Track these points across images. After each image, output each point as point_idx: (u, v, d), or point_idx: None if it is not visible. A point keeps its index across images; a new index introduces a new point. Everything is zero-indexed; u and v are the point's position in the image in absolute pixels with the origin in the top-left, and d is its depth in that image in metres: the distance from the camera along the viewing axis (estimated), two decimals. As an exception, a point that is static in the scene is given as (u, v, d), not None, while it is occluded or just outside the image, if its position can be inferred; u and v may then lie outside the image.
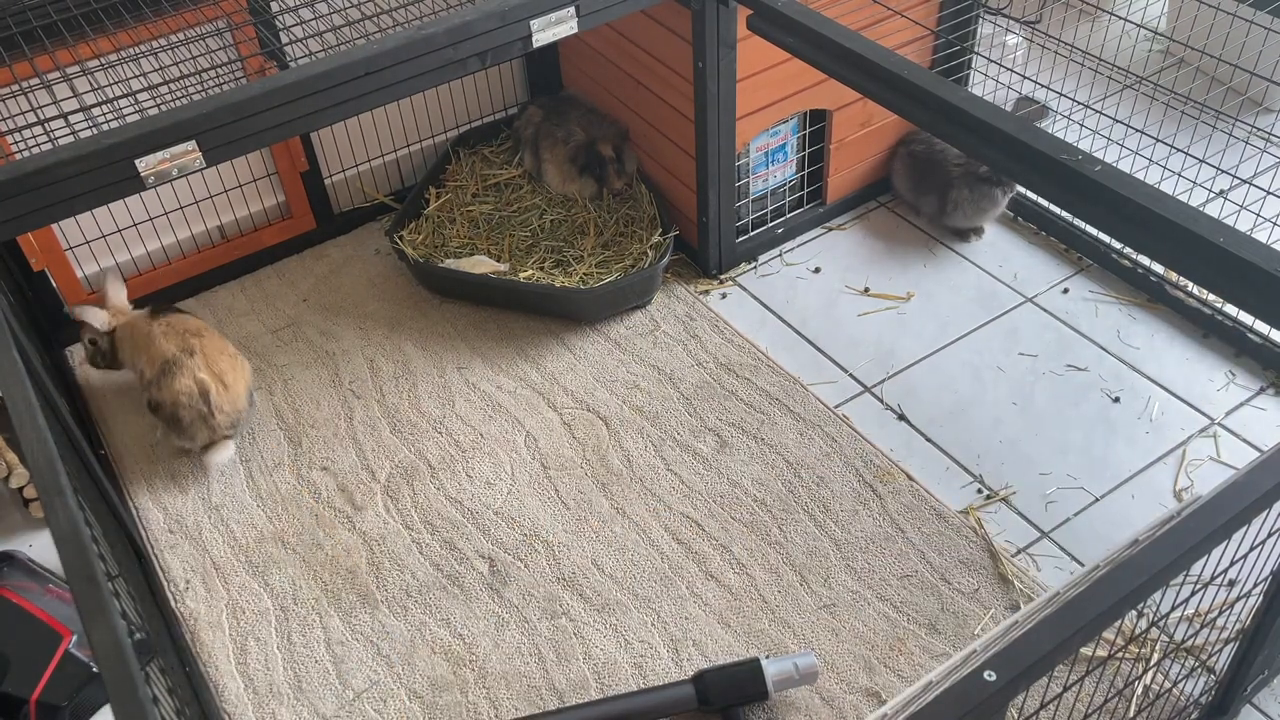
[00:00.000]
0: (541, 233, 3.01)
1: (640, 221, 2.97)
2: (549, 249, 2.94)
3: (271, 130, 1.99)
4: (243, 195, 3.00)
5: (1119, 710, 1.94)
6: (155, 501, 2.47)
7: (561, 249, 2.92)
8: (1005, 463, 2.42)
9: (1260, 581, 1.66)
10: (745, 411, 2.56)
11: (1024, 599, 2.16)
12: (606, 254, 2.89)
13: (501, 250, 2.94)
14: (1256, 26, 2.53)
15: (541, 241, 2.96)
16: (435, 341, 2.79)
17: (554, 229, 3.01)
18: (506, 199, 3.11)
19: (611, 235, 2.94)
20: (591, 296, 2.74)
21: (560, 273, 2.85)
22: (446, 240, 2.99)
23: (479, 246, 2.95)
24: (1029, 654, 1.19)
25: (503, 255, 2.92)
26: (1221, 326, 2.64)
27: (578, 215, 3.02)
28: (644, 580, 2.24)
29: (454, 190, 3.13)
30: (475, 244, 2.96)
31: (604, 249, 2.91)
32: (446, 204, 3.09)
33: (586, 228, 2.98)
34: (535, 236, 2.99)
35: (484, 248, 2.95)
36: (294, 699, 2.09)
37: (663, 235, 2.86)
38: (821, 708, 2.01)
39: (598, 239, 2.93)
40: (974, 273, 2.90)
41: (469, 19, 2.09)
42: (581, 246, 2.91)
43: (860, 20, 2.65)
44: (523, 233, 2.99)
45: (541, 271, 2.86)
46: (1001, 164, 1.97)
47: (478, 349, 2.76)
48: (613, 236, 2.94)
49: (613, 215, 2.99)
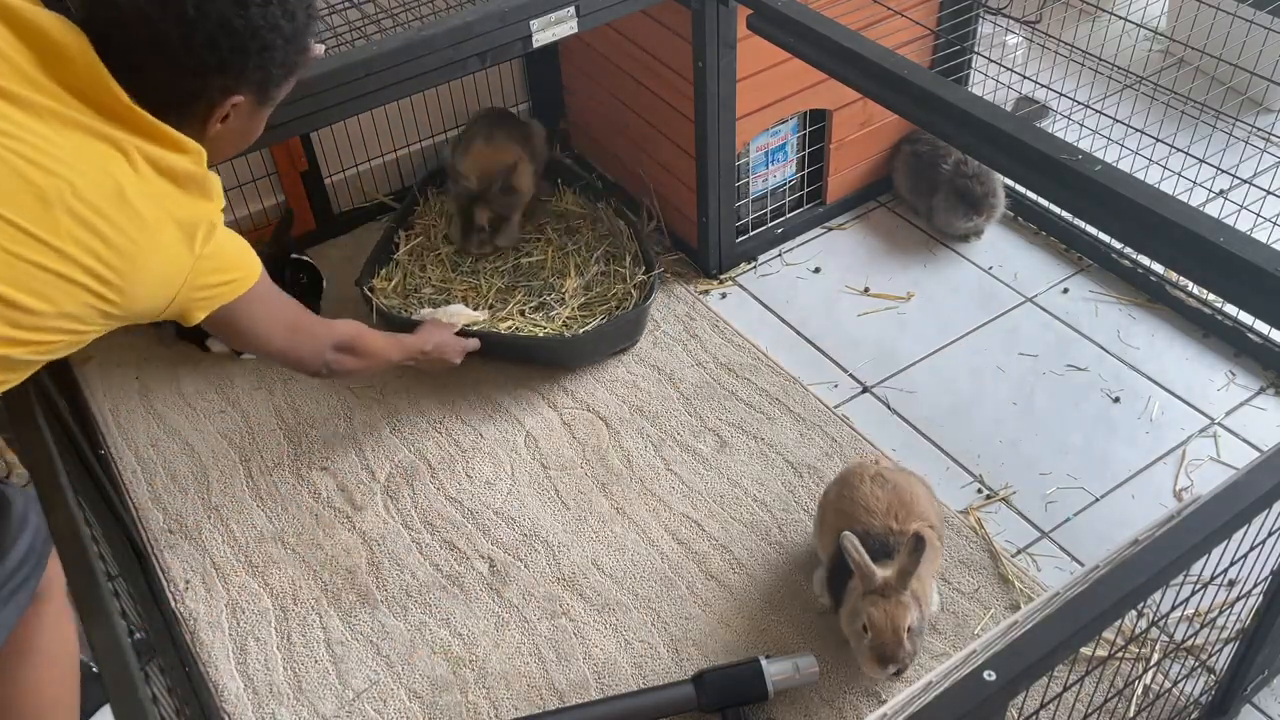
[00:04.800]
0: (518, 273, 2.86)
1: (621, 259, 2.84)
2: (528, 291, 2.78)
3: (272, 130, 1.98)
4: (243, 195, 3.00)
5: (1119, 710, 1.94)
6: (155, 501, 2.47)
7: (541, 290, 2.78)
8: (1005, 463, 2.42)
9: (1260, 581, 1.66)
10: (745, 411, 2.56)
11: (1024, 599, 2.16)
12: (589, 295, 2.75)
13: (479, 295, 2.79)
14: (1256, 26, 2.53)
15: (520, 284, 2.81)
16: (435, 341, 2.79)
17: (532, 270, 2.86)
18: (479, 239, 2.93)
19: (594, 276, 2.80)
20: (575, 344, 2.61)
21: (542, 317, 2.70)
22: (420, 286, 2.83)
23: (454, 292, 2.80)
24: (1029, 654, 1.19)
25: (480, 302, 2.76)
26: (1221, 326, 2.64)
27: (556, 255, 2.90)
28: (644, 580, 2.24)
29: (424, 232, 2.99)
30: (450, 289, 2.81)
31: (586, 290, 2.77)
32: (417, 249, 2.94)
33: (566, 268, 2.84)
34: (512, 278, 2.84)
35: (460, 293, 2.79)
36: (294, 699, 2.09)
37: (646, 274, 2.73)
38: (821, 707, 2.01)
39: (579, 278, 2.80)
40: (974, 273, 2.90)
41: (469, 19, 2.09)
42: (562, 288, 2.77)
43: (860, 20, 2.65)
44: (498, 279, 2.82)
45: (522, 317, 2.71)
46: (1001, 164, 1.97)
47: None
48: (595, 277, 2.80)
49: (592, 253, 2.86)
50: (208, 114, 1.48)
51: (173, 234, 1.42)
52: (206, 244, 1.48)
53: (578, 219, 3.01)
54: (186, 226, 1.44)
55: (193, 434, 2.60)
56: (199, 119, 1.48)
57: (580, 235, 2.95)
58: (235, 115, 1.51)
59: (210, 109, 1.47)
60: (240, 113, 1.52)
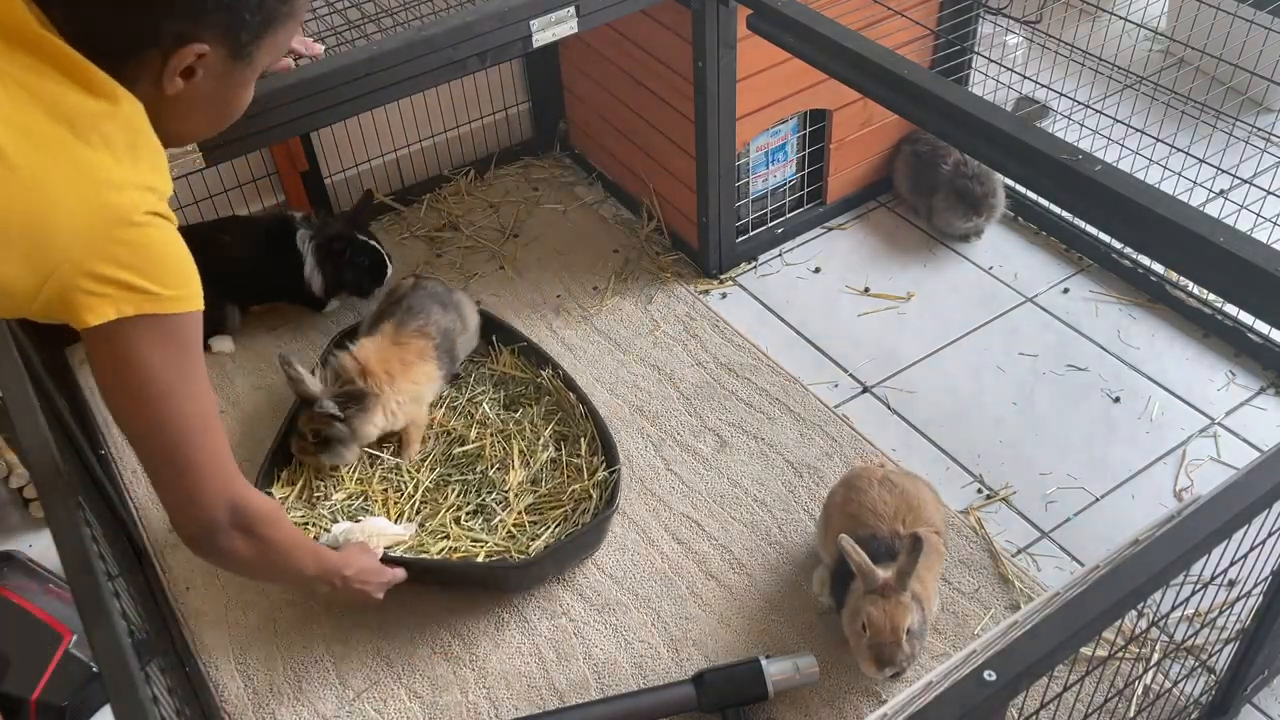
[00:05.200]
0: (450, 463, 2.37)
1: (575, 441, 2.38)
2: (463, 487, 2.32)
3: (271, 130, 1.99)
4: (243, 195, 3.00)
5: (1119, 710, 1.94)
6: (155, 501, 2.46)
7: (479, 487, 2.32)
8: (1005, 463, 2.42)
9: (1260, 581, 1.66)
10: (745, 411, 2.56)
11: (1024, 599, 2.15)
12: (538, 493, 2.29)
13: (401, 496, 2.30)
14: (1256, 26, 2.53)
15: (453, 477, 2.34)
16: (435, 341, 2.77)
17: (467, 461, 2.38)
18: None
19: (543, 466, 2.34)
20: (525, 572, 2.16)
21: (481, 525, 2.24)
22: (329, 490, 2.32)
23: (373, 494, 2.31)
24: (1029, 654, 1.19)
25: (404, 505, 2.28)
26: (1221, 326, 2.64)
27: (496, 440, 2.41)
28: (644, 580, 2.24)
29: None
30: (368, 491, 2.31)
31: (534, 485, 2.31)
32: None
33: (510, 456, 2.37)
34: (444, 469, 2.36)
35: (379, 494, 2.31)
36: (294, 699, 2.09)
37: (608, 470, 2.29)
38: (821, 708, 2.01)
39: (524, 469, 2.34)
40: (974, 273, 2.89)
41: (469, 19, 2.09)
42: (505, 485, 2.31)
43: (860, 20, 2.65)
44: (426, 472, 2.35)
45: (457, 527, 2.23)
46: (1001, 164, 1.97)
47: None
48: (544, 468, 2.34)
49: (540, 434, 2.40)
50: (162, 66, 1.21)
51: (67, 184, 1.13)
52: (131, 226, 1.16)
53: (519, 387, 2.56)
54: (97, 186, 1.15)
55: (193, 434, 2.60)
56: (151, 72, 1.22)
57: (524, 409, 2.49)
58: (204, 72, 1.24)
59: (165, 59, 1.21)
60: (210, 69, 1.25)
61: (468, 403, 2.52)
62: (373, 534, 2.10)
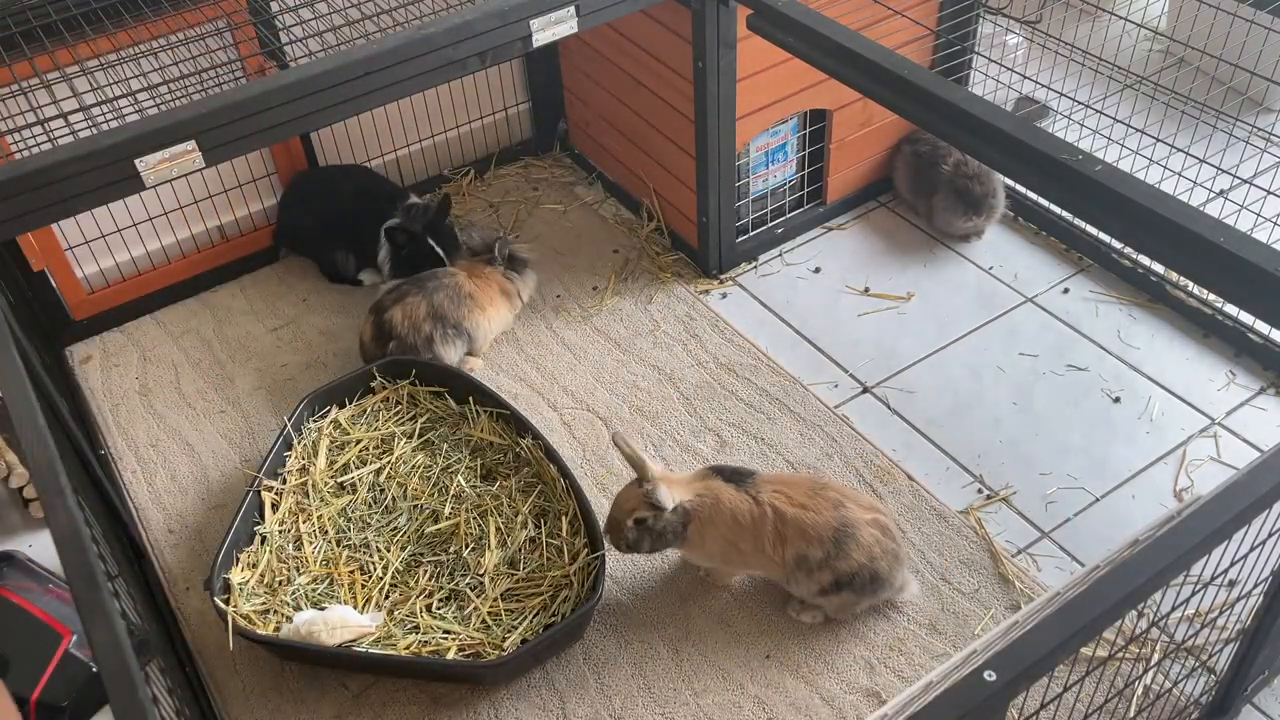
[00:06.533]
0: (421, 541, 2.23)
1: (556, 517, 2.23)
2: (436, 569, 2.17)
3: (271, 130, 1.99)
4: (242, 195, 3.00)
5: (1119, 710, 1.94)
6: (155, 501, 2.46)
7: (452, 568, 2.18)
8: (1005, 463, 2.42)
9: (1260, 581, 1.66)
10: (745, 411, 2.56)
11: (1024, 599, 2.15)
12: (515, 577, 2.14)
13: (369, 580, 2.16)
14: (1256, 26, 2.53)
15: (424, 556, 2.20)
16: (435, 341, 2.77)
17: (440, 540, 2.23)
18: (370, 495, 2.31)
19: (521, 547, 2.20)
20: (500, 669, 2.02)
21: (453, 613, 2.10)
22: (292, 574, 2.18)
23: (338, 579, 2.17)
24: (1029, 654, 1.19)
25: (371, 591, 2.14)
26: (1221, 326, 2.64)
27: (471, 516, 2.25)
28: (644, 580, 2.24)
29: (296, 491, 2.32)
30: (334, 575, 2.18)
31: (511, 568, 2.16)
32: (290, 512, 2.28)
33: (485, 535, 2.21)
34: (415, 548, 2.22)
35: (346, 578, 2.17)
36: (294, 699, 2.09)
37: (591, 554, 2.15)
38: (821, 707, 2.01)
39: (501, 550, 2.18)
40: (974, 273, 2.89)
41: (469, 19, 2.09)
42: (479, 567, 2.16)
43: (860, 20, 2.65)
44: (396, 552, 2.20)
45: (429, 615, 2.09)
46: (1001, 164, 1.97)
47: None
48: (523, 548, 2.20)
49: (518, 509, 2.25)
50: None
51: None
52: None
53: (497, 455, 2.40)
54: None
55: (193, 434, 2.60)
56: None
57: (502, 480, 2.34)
58: None
59: None
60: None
61: (442, 473, 2.35)
62: (337, 625, 2.02)
